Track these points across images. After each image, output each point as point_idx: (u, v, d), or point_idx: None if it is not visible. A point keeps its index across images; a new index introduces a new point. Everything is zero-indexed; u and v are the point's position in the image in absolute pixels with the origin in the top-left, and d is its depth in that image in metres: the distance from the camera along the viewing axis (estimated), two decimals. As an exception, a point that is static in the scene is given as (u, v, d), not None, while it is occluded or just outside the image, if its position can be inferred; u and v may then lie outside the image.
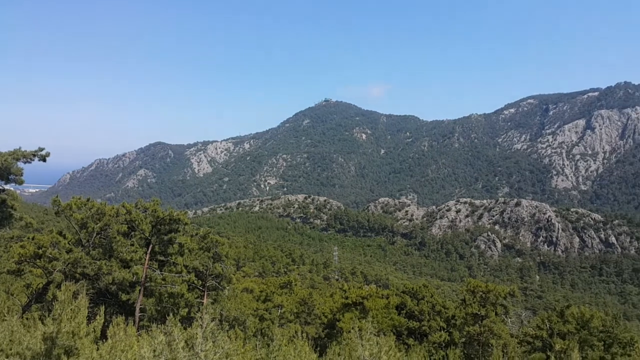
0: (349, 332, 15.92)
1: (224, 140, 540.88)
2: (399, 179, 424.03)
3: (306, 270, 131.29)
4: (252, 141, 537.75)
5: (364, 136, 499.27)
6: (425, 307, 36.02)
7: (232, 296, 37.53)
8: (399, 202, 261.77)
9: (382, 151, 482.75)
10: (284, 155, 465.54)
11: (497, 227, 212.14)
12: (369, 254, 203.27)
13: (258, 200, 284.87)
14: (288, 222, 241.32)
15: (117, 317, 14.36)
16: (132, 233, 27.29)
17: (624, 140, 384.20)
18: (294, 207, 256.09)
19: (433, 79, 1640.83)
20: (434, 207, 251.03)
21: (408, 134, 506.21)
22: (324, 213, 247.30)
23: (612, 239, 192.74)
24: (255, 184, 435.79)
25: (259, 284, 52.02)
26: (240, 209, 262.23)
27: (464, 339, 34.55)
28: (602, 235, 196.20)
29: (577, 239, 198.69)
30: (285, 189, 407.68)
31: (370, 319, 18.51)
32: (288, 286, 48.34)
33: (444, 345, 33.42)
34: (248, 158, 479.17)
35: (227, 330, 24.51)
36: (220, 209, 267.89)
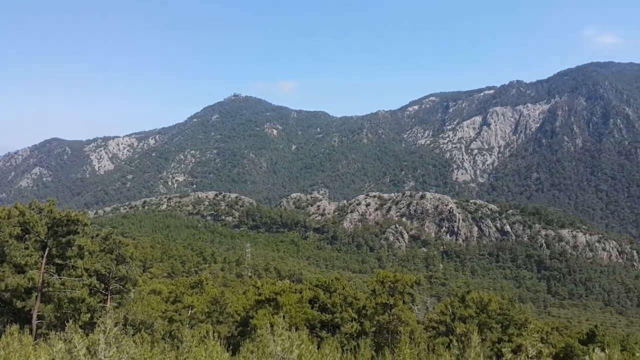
0: (262, 328, 15.74)
1: (127, 135, 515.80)
2: (311, 174, 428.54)
3: (218, 269, 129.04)
4: (157, 136, 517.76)
5: (275, 132, 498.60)
6: (338, 299, 36.64)
7: (138, 299, 35.88)
8: (311, 197, 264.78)
9: (294, 147, 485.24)
10: (193, 151, 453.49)
11: (404, 219, 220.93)
12: (282, 249, 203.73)
13: (165, 198, 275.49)
14: (198, 220, 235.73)
15: (11, 326, 13.19)
16: (27, 236, 25.34)
17: (517, 135, 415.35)
18: (204, 205, 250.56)
19: (341, 77, 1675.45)
20: (345, 201, 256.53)
21: (318, 129, 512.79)
22: (235, 210, 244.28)
23: (507, 228, 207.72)
24: (162, 181, 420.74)
25: (168, 285, 50.26)
26: (146, 207, 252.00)
27: (374, 328, 35.51)
28: (498, 224, 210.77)
29: (476, 229, 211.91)
30: (194, 186, 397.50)
31: (282, 314, 18.45)
32: (199, 286, 47.12)
33: (355, 335, 34.16)
34: (154, 154, 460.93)
35: (133, 335, 23.37)
36: (125, 208, 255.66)
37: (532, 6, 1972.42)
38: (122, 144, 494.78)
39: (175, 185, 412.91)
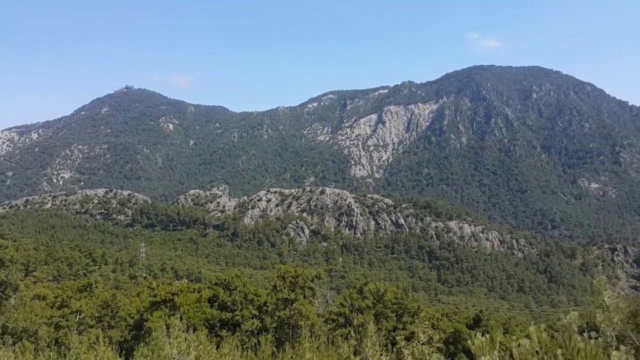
0: (157, 331, 14.95)
1: (7, 129, 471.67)
2: (210, 170, 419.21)
3: (109, 271, 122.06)
4: (41, 130, 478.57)
5: (171, 126, 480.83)
6: (238, 297, 36.01)
7: (20, 305, 32.81)
8: (210, 194, 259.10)
9: (191, 142, 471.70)
10: (80, 146, 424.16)
11: (305, 214, 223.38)
12: (179, 248, 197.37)
13: (50, 196, 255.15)
14: (87, 219, 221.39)
15: None
16: None
17: (409, 133, 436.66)
18: (93, 203, 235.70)
19: (239, 72, 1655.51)
20: (245, 197, 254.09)
21: (217, 124, 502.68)
22: (128, 208, 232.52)
23: (401, 221, 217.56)
24: (46, 178, 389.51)
25: (54, 289, 46.52)
26: (28, 207, 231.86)
27: (275, 324, 35.38)
28: (393, 218, 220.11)
29: (373, 222, 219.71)
30: (82, 183, 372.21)
31: (178, 315, 17.63)
32: (88, 289, 44.16)
33: (256, 332, 33.80)
34: (37, 149, 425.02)
35: (14, 344, 21.32)
36: (4, 208, 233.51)
37: (421, 9, 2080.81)
38: (0, 138, 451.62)
39: (61, 183, 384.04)
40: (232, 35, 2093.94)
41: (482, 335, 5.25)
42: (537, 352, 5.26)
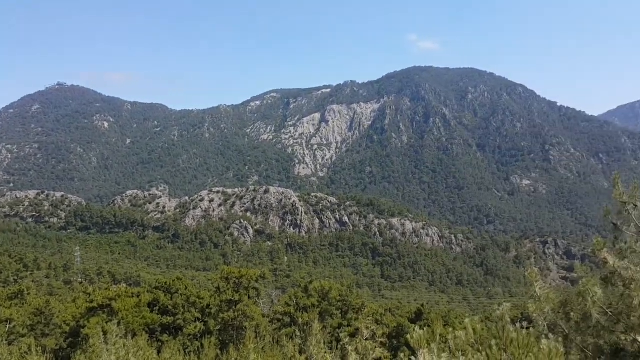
0: (94, 337, 14.40)
1: None
2: (149, 170, 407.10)
3: (43, 276, 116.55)
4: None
5: (106, 124, 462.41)
6: (180, 300, 35.24)
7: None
8: (149, 195, 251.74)
9: (128, 141, 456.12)
10: (9, 146, 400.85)
11: (249, 214, 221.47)
12: (117, 251, 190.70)
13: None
14: (17, 222, 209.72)
15: None
16: None
17: (352, 132, 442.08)
18: (24, 205, 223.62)
19: (178, 69, 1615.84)
20: (186, 197, 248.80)
21: (156, 122, 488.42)
22: (61, 210, 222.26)
23: (345, 219, 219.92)
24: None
25: (-20, 299, 43.80)
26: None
27: (219, 326, 34.90)
28: (337, 216, 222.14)
29: (317, 221, 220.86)
30: (11, 184, 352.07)
31: (116, 321, 17.05)
32: (19, 296, 41.91)
33: (199, 335, 33.21)
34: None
35: None
36: None
37: (362, 9, 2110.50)
38: None
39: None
40: (171, 31, 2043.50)
41: (422, 329, 5.41)
42: (473, 343, 5.48)
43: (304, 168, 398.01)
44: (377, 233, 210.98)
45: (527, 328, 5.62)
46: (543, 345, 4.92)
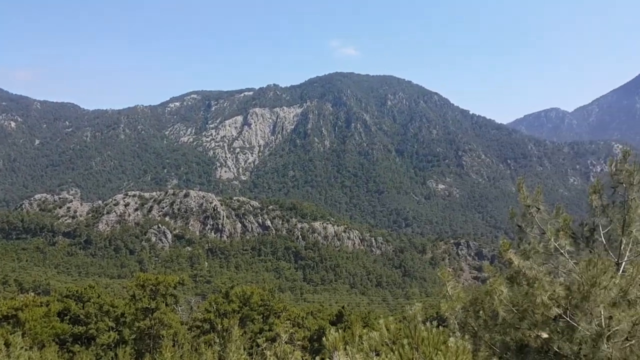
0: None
1: None
2: (59, 173, 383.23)
3: None
4: None
5: (12, 124, 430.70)
6: (92, 309, 33.50)
7: None
8: (60, 198, 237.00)
9: (37, 141, 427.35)
10: None
11: (167, 218, 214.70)
12: (24, 258, 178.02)
13: None
14: None
15: None
16: None
17: (275, 135, 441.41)
18: None
19: (92, 68, 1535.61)
20: (100, 202, 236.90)
21: (67, 123, 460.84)
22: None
23: (268, 222, 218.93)
24: None
25: None
26: None
27: (135, 335, 33.56)
28: (260, 220, 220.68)
29: (239, 225, 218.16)
30: None
31: (20, 332, 15.94)
32: None
33: (113, 345, 31.74)
34: None
35: None
36: None
37: (285, 14, 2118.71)
38: None
39: None
40: (83, 27, 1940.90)
41: (337, 331, 5.50)
42: (386, 343, 5.63)
43: (225, 171, 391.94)
44: (300, 237, 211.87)
45: (438, 326, 5.85)
46: (451, 343, 5.16)
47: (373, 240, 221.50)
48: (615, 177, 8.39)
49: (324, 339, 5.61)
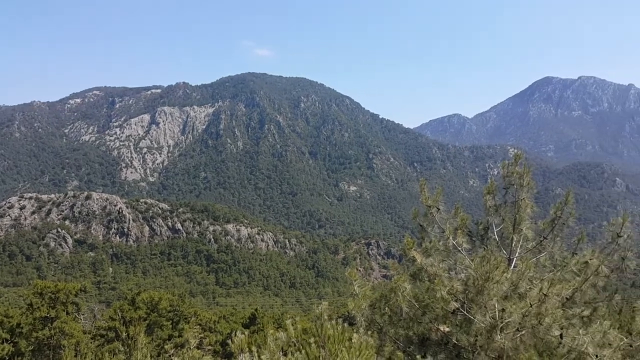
0: None
1: None
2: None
3: None
4: None
5: None
6: (-20, 321, 30.76)
7: None
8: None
9: None
10: None
11: (67, 222, 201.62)
12: None
13: None
14: None
15: None
16: None
17: (185, 135, 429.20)
18: None
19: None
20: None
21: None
22: None
23: (178, 226, 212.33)
24: None
25: None
26: None
27: (32, 347, 31.32)
28: (170, 223, 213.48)
29: (147, 228, 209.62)
30: None
31: None
32: None
33: (7, 358, 29.43)
34: None
35: None
36: None
37: (196, 12, 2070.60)
38: None
39: None
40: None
41: (252, 334, 5.52)
42: (293, 342, 5.71)
43: (132, 172, 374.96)
44: (212, 240, 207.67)
45: (344, 324, 6.01)
46: (354, 339, 5.33)
47: (287, 242, 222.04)
48: (507, 179, 9.07)
49: (229, 341, 5.58)
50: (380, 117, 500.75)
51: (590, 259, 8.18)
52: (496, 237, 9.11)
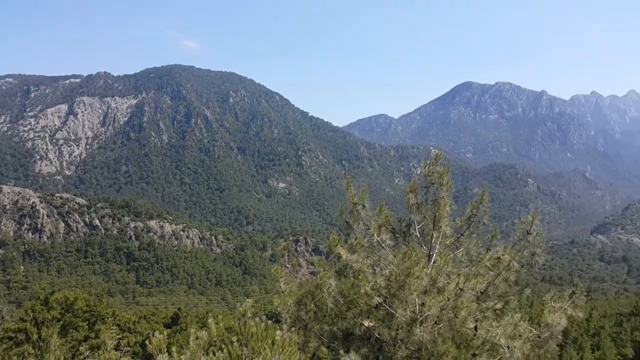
0: None
1: None
2: None
3: None
4: None
5: None
6: None
7: None
8: None
9: None
10: None
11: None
12: None
13: None
14: None
15: None
16: None
17: (105, 127, 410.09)
18: None
19: None
20: None
21: None
22: None
23: (97, 222, 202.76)
24: None
25: None
26: None
27: None
28: (87, 219, 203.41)
29: (62, 224, 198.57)
30: None
31: None
32: None
33: None
34: None
35: None
36: None
37: (118, 1, 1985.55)
38: None
39: None
40: None
41: (161, 334, 5.35)
42: (215, 342, 5.62)
43: (46, 165, 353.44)
44: (133, 236, 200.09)
45: (268, 321, 5.99)
46: (277, 336, 5.35)
47: (213, 239, 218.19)
48: (428, 178, 9.41)
49: (147, 342, 5.41)
50: (310, 114, 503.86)
51: (503, 255, 8.66)
52: (417, 233, 9.43)
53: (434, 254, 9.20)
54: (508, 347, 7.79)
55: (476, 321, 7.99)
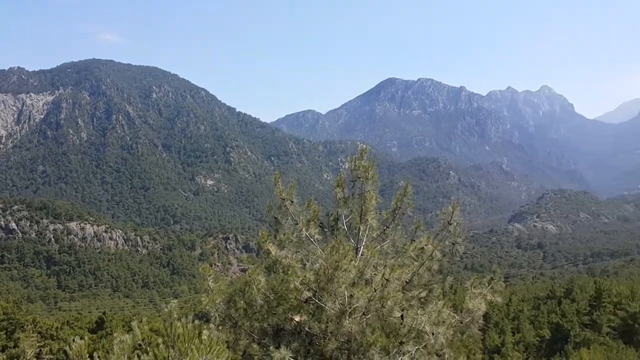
0: None
1: None
2: None
3: None
4: None
5: None
6: None
7: None
8: None
9: None
10: None
11: None
12: None
13: None
14: None
15: None
16: None
17: (20, 125, 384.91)
18: None
19: None
20: None
21: None
22: None
23: (13, 225, 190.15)
24: None
25: None
26: None
27: None
28: (2, 222, 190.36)
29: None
30: None
31: None
32: None
33: None
34: None
35: None
36: None
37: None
38: None
39: None
40: None
41: (82, 339, 5.14)
42: (139, 345, 5.47)
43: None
44: (53, 239, 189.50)
45: (195, 321, 5.91)
46: (204, 335, 5.28)
47: (139, 240, 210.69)
48: (354, 172, 9.61)
49: (67, 348, 5.18)
50: (237, 110, 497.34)
51: (426, 245, 9.02)
52: (345, 227, 9.61)
53: (362, 247, 9.40)
54: (433, 334, 8.14)
55: (402, 310, 8.28)
